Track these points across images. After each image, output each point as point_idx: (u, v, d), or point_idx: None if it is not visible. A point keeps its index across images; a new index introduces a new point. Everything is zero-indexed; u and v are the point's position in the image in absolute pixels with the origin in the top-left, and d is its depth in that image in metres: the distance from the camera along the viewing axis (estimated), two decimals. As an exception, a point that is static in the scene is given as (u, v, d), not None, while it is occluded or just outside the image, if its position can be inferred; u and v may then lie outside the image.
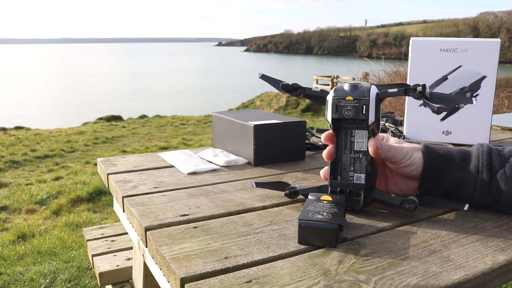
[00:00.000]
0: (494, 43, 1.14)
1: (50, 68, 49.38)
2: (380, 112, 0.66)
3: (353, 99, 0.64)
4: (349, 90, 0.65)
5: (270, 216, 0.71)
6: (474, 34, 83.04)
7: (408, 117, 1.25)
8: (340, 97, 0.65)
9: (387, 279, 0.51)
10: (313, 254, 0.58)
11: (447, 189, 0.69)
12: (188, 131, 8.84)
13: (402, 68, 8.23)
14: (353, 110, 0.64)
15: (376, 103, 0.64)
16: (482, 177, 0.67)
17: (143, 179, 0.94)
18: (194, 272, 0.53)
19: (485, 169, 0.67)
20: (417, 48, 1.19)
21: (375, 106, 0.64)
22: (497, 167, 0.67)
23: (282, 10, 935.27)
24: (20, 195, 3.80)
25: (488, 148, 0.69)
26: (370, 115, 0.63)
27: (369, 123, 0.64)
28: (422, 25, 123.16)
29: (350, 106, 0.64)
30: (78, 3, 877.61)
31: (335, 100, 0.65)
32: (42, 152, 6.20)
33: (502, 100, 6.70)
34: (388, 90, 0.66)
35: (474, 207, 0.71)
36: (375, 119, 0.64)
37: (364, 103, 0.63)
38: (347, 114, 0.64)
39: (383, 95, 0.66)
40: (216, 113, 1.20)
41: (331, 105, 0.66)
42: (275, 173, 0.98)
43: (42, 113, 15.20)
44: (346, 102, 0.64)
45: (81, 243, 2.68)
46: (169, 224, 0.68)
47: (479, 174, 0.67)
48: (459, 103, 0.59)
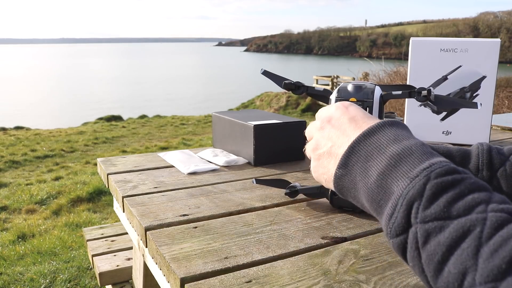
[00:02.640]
0: (494, 43, 1.14)
1: (50, 68, 49.40)
2: (383, 113, 0.66)
3: (357, 101, 0.63)
4: (353, 91, 0.64)
5: (270, 216, 0.71)
6: (474, 34, 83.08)
7: (408, 117, 1.25)
8: (343, 98, 0.64)
9: (387, 279, 0.51)
10: (313, 254, 0.58)
11: None
12: (188, 131, 8.84)
13: (402, 68, 8.22)
14: None
15: (380, 105, 0.63)
16: (482, 176, 0.66)
17: (143, 179, 0.94)
18: (194, 272, 0.53)
19: (485, 168, 0.66)
20: (417, 48, 1.19)
21: (379, 108, 0.63)
22: (497, 165, 0.66)
23: (282, 10, 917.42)
24: (20, 195, 3.80)
25: (488, 146, 0.69)
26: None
27: None
28: (422, 25, 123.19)
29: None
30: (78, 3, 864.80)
31: (338, 101, 0.65)
32: (42, 152, 6.20)
33: (502, 100, 6.70)
34: (392, 92, 0.65)
35: None
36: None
37: (368, 105, 0.62)
38: None
39: (387, 97, 0.65)
40: (216, 113, 1.20)
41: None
42: (275, 173, 0.98)
43: (42, 113, 15.20)
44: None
45: (81, 243, 2.68)
46: (169, 224, 0.68)
47: (479, 172, 0.66)
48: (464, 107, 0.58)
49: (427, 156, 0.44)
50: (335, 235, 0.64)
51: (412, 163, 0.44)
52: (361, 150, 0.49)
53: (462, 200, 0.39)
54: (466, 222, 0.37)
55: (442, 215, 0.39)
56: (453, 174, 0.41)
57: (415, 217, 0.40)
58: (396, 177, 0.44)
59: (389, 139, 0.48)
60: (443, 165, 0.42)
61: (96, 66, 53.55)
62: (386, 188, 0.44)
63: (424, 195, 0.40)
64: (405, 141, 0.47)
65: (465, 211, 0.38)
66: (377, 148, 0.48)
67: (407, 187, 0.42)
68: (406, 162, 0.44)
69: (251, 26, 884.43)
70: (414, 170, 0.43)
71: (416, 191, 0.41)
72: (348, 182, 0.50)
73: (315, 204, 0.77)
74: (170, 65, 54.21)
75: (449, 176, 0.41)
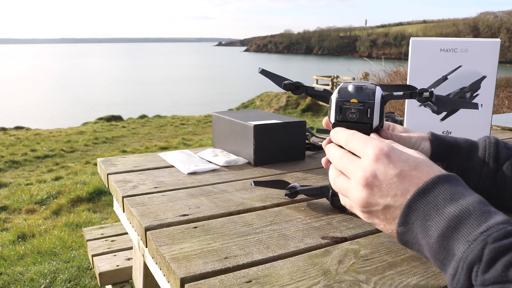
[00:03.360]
0: (494, 43, 1.14)
1: (50, 68, 49.38)
2: (384, 114, 0.65)
3: (358, 102, 0.61)
4: (353, 91, 0.62)
5: (270, 216, 0.71)
6: (474, 34, 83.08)
7: (408, 117, 1.25)
8: (344, 99, 0.62)
9: (387, 279, 0.51)
10: (313, 254, 0.58)
11: None
12: (188, 131, 8.84)
13: (402, 68, 8.23)
14: (358, 113, 0.61)
15: (381, 106, 0.62)
16: (488, 168, 0.67)
17: (143, 179, 0.94)
18: (194, 272, 0.53)
19: (491, 160, 0.66)
20: (417, 48, 1.19)
21: (380, 109, 0.62)
22: (504, 159, 0.66)
23: (282, 10, 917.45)
24: (20, 195, 3.81)
25: (495, 140, 0.69)
26: (374, 118, 0.61)
27: (374, 126, 0.62)
28: (422, 25, 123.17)
29: (354, 109, 0.61)
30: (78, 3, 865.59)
31: (339, 102, 0.63)
32: (42, 152, 6.20)
33: (502, 100, 6.70)
34: (393, 93, 0.64)
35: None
36: (380, 122, 0.63)
37: (369, 106, 0.61)
38: (351, 117, 0.62)
39: (388, 97, 0.64)
40: (216, 113, 1.20)
41: (334, 106, 0.63)
42: (275, 173, 0.98)
43: (42, 113, 15.20)
44: (351, 105, 0.62)
45: (81, 243, 2.68)
46: (169, 224, 0.68)
47: (485, 164, 0.67)
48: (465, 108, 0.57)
49: (485, 217, 0.45)
50: (335, 235, 0.64)
51: (471, 226, 0.44)
52: (419, 208, 0.49)
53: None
54: None
55: (500, 279, 0.39)
56: (509, 238, 0.42)
57: (475, 280, 0.41)
58: (456, 239, 0.45)
59: (446, 199, 0.48)
60: (500, 228, 0.43)
61: (96, 66, 53.55)
62: (448, 250, 0.46)
63: (482, 260, 0.41)
64: (462, 201, 0.47)
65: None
66: (435, 208, 0.48)
67: (466, 251, 0.43)
68: (465, 225, 0.45)
69: (251, 26, 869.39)
70: (473, 233, 0.44)
71: (475, 256, 0.42)
72: (411, 238, 0.51)
73: (315, 204, 0.77)
74: (170, 65, 54.21)
75: (506, 240, 0.41)
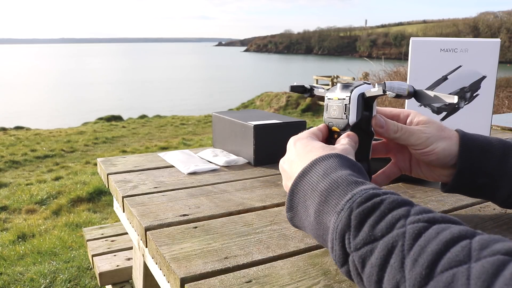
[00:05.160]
0: (494, 43, 1.14)
1: (50, 68, 49.39)
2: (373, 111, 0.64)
3: (338, 99, 0.64)
4: (338, 90, 0.65)
5: (270, 216, 0.72)
6: (474, 34, 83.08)
7: (408, 117, 1.24)
8: (329, 97, 0.66)
9: (387, 279, 0.51)
10: (313, 254, 0.58)
11: (483, 184, 0.62)
12: (188, 131, 8.84)
13: (402, 68, 8.23)
14: (337, 110, 0.64)
15: (358, 102, 0.63)
16: None
17: (143, 179, 0.94)
18: (194, 272, 0.53)
19: None
20: (417, 48, 1.19)
21: (357, 106, 0.63)
22: None
23: (282, 10, 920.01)
24: (20, 195, 3.80)
25: None
26: (351, 115, 0.63)
27: (350, 122, 0.63)
28: (422, 25, 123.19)
29: (335, 106, 0.65)
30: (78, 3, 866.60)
31: (326, 99, 0.67)
32: (42, 152, 6.20)
33: (502, 100, 6.70)
34: (371, 89, 0.63)
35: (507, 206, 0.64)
36: (357, 119, 0.63)
37: (345, 103, 0.63)
38: (333, 113, 0.65)
39: (369, 95, 0.63)
40: (216, 113, 1.20)
41: (325, 105, 0.68)
42: (275, 173, 0.98)
43: (42, 113, 15.19)
44: (333, 102, 0.65)
45: (81, 243, 2.68)
46: (169, 224, 0.68)
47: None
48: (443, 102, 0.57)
49: (352, 187, 0.46)
50: (335, 235, 0.64)
51: (338, 197, 0.46)
52: (300, 191, 0.51)
53: (383, 220, 0.41)
54: (389, 239, 0.39)
55: (369, 239, 0.41)
56: (372, 199, 0.44)
57: (349, 247, 0.43)
58: (327, 212, 0.47)
59: (319, 176, 0.50)
60: (363, 193, 0.44)
61: (96, 66, 53.54)
62: (323, 224, 0.47)
63: (351, 226, 0.43)
64: (332, 174, 0.49)
65: (388, 230, 0.40)
66: (311, 187, 0.50)
67: (336, 221, 0.45)
68: (333, 197, 0.47)
69: (251, 26, 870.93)
70: (340, 203, 0.45)
71: (344, 224, 0.44)
72: (298, 222, 0.53)
73: (315, 204, 0.77)
74: (170, 65, 54.21)
75: (369, 202, 0.43)
